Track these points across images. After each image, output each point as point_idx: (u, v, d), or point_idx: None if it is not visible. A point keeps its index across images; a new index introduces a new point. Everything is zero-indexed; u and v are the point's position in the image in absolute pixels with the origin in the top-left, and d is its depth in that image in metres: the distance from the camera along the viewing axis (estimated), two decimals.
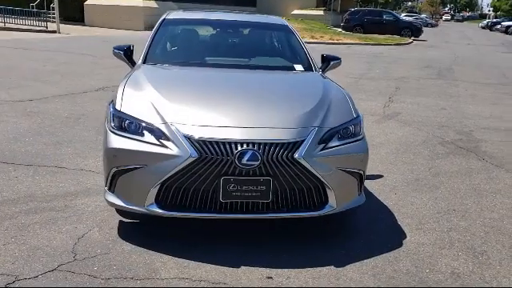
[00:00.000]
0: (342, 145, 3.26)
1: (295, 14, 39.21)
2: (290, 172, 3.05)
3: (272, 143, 3.04)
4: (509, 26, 48.39)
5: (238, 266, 2.99)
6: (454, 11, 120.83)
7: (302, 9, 40.98)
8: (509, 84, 12.31)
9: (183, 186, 3.03)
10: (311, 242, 3.35)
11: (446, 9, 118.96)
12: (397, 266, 3.09)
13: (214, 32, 4.97)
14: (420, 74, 13.28)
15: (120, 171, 3.16)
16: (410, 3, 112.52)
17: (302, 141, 3.10)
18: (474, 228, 3.73)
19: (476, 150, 6.01)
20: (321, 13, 41.00)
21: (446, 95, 10.17)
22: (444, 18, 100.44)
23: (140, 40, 6.14)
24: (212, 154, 2.98)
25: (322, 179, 3.11)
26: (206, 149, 2.99)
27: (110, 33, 22.22)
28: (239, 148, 2.99)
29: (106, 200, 3.31)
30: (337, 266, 3.04)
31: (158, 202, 3.10)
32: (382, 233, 3.58)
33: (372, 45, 23.38)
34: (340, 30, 31.09)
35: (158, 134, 3.11)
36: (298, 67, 4.42)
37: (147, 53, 4.33)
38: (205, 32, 4.96)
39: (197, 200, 3.07)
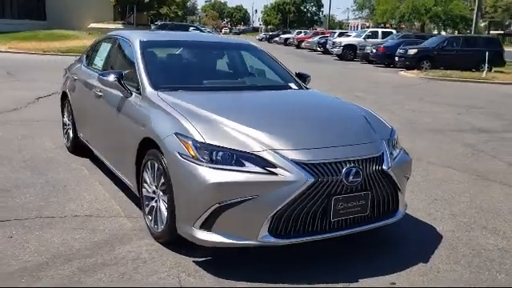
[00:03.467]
0: (398, 154, 3.65)
1: (92, 27, 37.71)
2: (380, 184, 3.31)
3: (367, 158, 3.26)
4: (287, 39, 54.54)
5: (356, 280, 3.13)
6: (231, 25, 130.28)
7: (98, 22, 39.55)
8: (349, 91, 14.17)
9: (295, 211, 3.03)
10: (376, 251, 3.62)
11: (224, 22, 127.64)
12: (463, 252, 3.61)
13: (195, 54, 4.81)
14: None
15: (224, 206, 2.98)
16: (191, 17, 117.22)
17: (383, 153, 3.40)
18: (466, 211, 4.50)
19: None
20: (120, 26, 40.16)
21: None
22: (223, 31, 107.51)
23: None
24: (324, 176, 3.06)
25: (400, 187, 3.46)
26: (317, 171, 3.06)
27: None
28: (345, 167, 3.13)
29: (199, 239, 3.10)
30: (425, 262, 3.42)
31: (271, 231, 3.03)
32: (414, 229, 4.04)
33: None
34: None
35: (261, 162, 3.04)
36: (292, 85, 4.63)
37: (150, 78, 4.01)
38: (184, 54, 4.77)
39: (307, 223, 3.10)
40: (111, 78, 4.04)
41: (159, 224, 3.50)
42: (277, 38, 60.69)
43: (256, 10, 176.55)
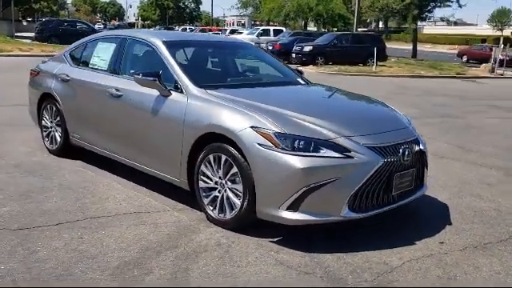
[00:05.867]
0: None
1: None
2: (419, 161, 3.95)
3: (411, 140, 3.88)
4: None
5: (413, 243, 3.72)
6: (105, 20, 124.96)
7: None
8: None
9: (367, 188, 3.53)
10: (414, 223, 4.24)
11: (98, 17, 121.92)
12: (470, 214, 4.39)
13: (212, 53, 5.03)
14: None
15: (311, 188, 3.37)
16: (61, 12, 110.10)
17: (417, 136, 4.04)
18: (449, 183, 5.34)
19: None
20: None
21: None
22: (97, 26, 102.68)
23: None
24: (389, 156, 3.60)
25: (428, 164, 4.12)
26: (383, 153, 3.58)
27: None
28: (401, 148, 3.71)
29: (287, 219, 3.45)
30: (449, 224, 4.13)
31: (351, 207, 3.49)
32: (425, 200, 4.69)
33: None
34: (30, 40, 28.96)
35: (338, 148, 3.48)
36: (300, 81, 5.09)
37: (191, 77, 4.20)
38: (203, 53, 4.96)
39: (374, 197, 3.61)
40: (150, 77, 4.15)
41: (227, 212, 3.76)
42: None
43: (131, 5, 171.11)
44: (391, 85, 16.89)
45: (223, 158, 3.72)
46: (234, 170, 3.66)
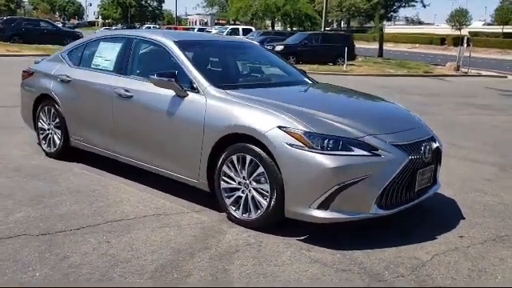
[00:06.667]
0: None
1: None
2: (436, 158, 4.06)
3: (429, 138, 3.99)
4: None
5: (435, 238, 3.82)
6: (64, 19, 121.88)
7: None
8: None
9: (393, 185, 3.61)
10: (428, 219, 4.28)
11: (57, 16, 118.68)
12: (480, 208, 4.54)
13: (221, 52, 5.00)
14: None
15: (343, 187, 3.42)
16: (18, 11, 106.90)
17: (433, 134, 4.15)
18: (451, 180, 5.46)
19: None
20: None
21: None
22: (61, 24, 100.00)
23: None
24: (413, 154, 3.69)
25: (441, 161, 4.24)
26: (408, 150, 3.67)
27: None
28: (422, 145, 3.80)
29: (317, 218, 3.49)
30: (463, 219, 4.26)
31: (378, 204, 3.56)
32: (434, 197, 4.83)
33: None
34: None
35: (366, 146, 3.55)
36: (307, 80, 5.14)
37: (208, 78, 4.17)
38: (213, 53, 4.93)
39: (399, 194, 3.69)
40: (166, 78, 4.10)
41: (252, 211, 3.76)
42: None
43: (91, 4, 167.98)
44: (364, 84, 17.15)
45: (248, 158, 3.72)
46: (260, 170, 3.66)
